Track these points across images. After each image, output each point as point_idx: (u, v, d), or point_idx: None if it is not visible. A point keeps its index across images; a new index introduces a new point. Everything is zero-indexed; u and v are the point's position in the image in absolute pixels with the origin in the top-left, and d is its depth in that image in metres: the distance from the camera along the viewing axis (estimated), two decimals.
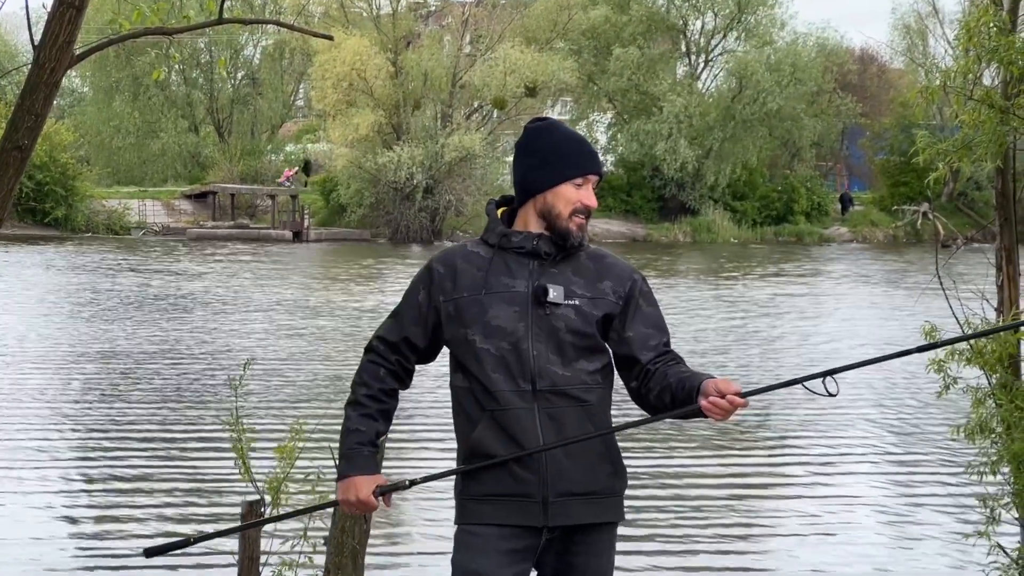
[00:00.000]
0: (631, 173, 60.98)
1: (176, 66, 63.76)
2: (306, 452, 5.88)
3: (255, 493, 5.63)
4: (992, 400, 6.21)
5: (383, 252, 46.70)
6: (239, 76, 68.32)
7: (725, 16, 62.20)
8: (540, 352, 3.84)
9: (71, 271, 34.85)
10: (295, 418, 7.17)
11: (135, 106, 64.14)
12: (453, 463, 4.00)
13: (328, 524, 5.65)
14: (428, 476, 4.02)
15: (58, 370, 17.17)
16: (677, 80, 62.38)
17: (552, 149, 3.96)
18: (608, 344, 3.96)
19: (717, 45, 63.52)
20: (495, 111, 59.16)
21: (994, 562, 6.14)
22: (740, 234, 59.06)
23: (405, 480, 3.95)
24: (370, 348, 4.05)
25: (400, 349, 4.00)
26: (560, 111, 63.19)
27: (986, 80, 6.72)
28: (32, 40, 5.31)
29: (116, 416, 13.97)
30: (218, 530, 5.17)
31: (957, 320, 6.12)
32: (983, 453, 6.16)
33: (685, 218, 59.63)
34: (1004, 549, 6.13)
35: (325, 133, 59.67)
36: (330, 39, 6.89)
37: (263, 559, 5.68)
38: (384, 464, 4.57)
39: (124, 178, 63.39)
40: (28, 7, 5.82)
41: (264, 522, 5.01)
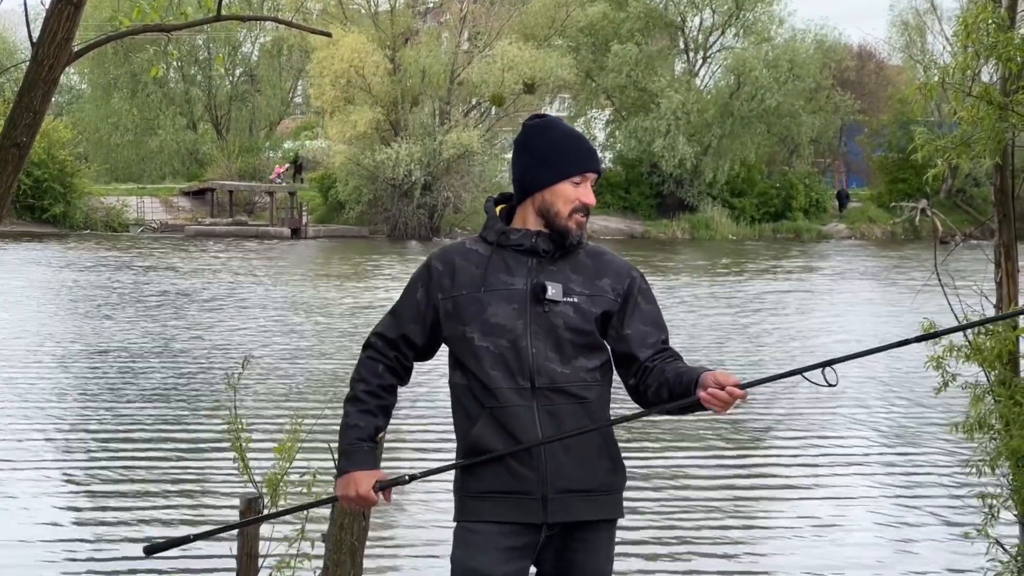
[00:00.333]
0: (629, 170, 60.97)
1: (174, 63, 63.77)
2: (304, 450, 5.87)
3: (253, 491, 5.62)
4: (991, 397, 6.21)
5: (381, 249, 46.69)
6: (237, 73, 68.32)
7: (723, 13, 62.19)
8: (539, 350, 3.84)
9: (69, 268, 34.84)
10: (293, 415, 7.16)
11: (133, 103, 64.13)
12: (447, 458, 4.00)
13: (327, 521, 5.64)
14: (428, 471, 4.00)
15: (55, 367, 17.17)
16: (675, 77, 62.37)
17: (550, 147, 3.95)
18: (607, 342, 3.95)
19: (715, 42, 63.51)
20: (493, 108, 59.17)
21: (993, 559, 6.14)
22: (738, 231, 59.06)
23: (405, 475, 3.94)
24: (368, 345, 4.04)
25: (398, 346, 4.00)
26: (558, 108, 63.18)
27: (984, 76, 6.72)
28: (30, 37, 5.30)
29: (113, 413, 13.97)
30: (217, 527, 5.16)
31: (956, 317, 6.12)
32: (982, 450, 6.16)
33: (683, 215, 59.64)
34: (1003, 546, 6.13)
35: (323, 130, 59.64)
36: (328, 36, 6.89)
37: (261, 556, 5.67)
38: (382, 461, 4.56)
39: (122, 175, 63.37)
40: (27, 4, 5.82)
41: (264, 519, 5.00)
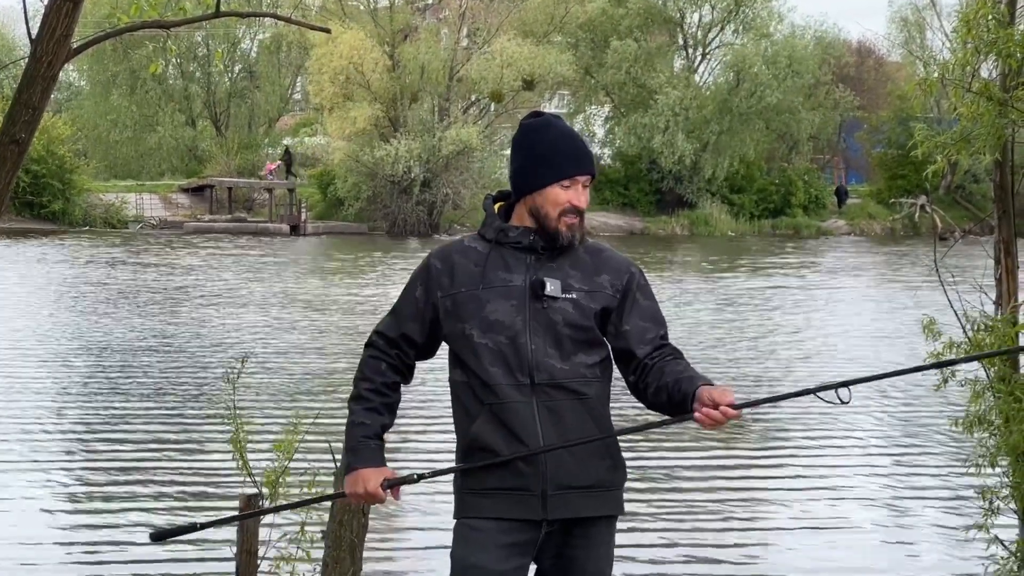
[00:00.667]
0: (628, 166, 60.91)
1: (173, 60, 63.68)
2: (303, 447, 5.87)
3: (252, 487, 5.62)
4: (990, 393, 6.21)
5: (380, 246, 46.67)
6: (236, 70, 68.27)
7: (722, 9, 62.11)
8: (538, 346, 3.84)
9: (68, 265, 34.82)
10: (292, 412, 7.16)
11: (132, 100, 64.07)
12: (453, 457, 3.99)
13: (326, 518, 5.64)
14: (436, 471, 3.99)
15: (54, 364, 17.16)
16: (674, 73, 62.32)
17: (542, 149, 3.93)
18: (606, 338, 3.95)
19: (715, 38, 63.45)
20: (492, 104, 59.14)
21: (993, 555, 6.14)
22: (737, 227, 59.03)
23: (414, 474, 3.93)
24: (370, 343, 4.05)
25: (399, 345, 4.00)
26: (557, 104, 63.14)
27: (984, 72, 6.71)
28: (29, 33, 5.30)
29: (112, 410, 13.96)
30: (223, 517, 5.18)
31: (955, 313, 6.12)
32: (981, 446, 6.16)
33: (683, 211, 59.58)
34: (1003, 542, 6.12)
35: (323, 127, 59.61)
36: (327, 32, 6.88)
37: (261, 553, 5.67)
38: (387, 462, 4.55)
39: (121, 172, 63.29)
40: (25, 1, 5.81)
41: (272, 510, 5.01)
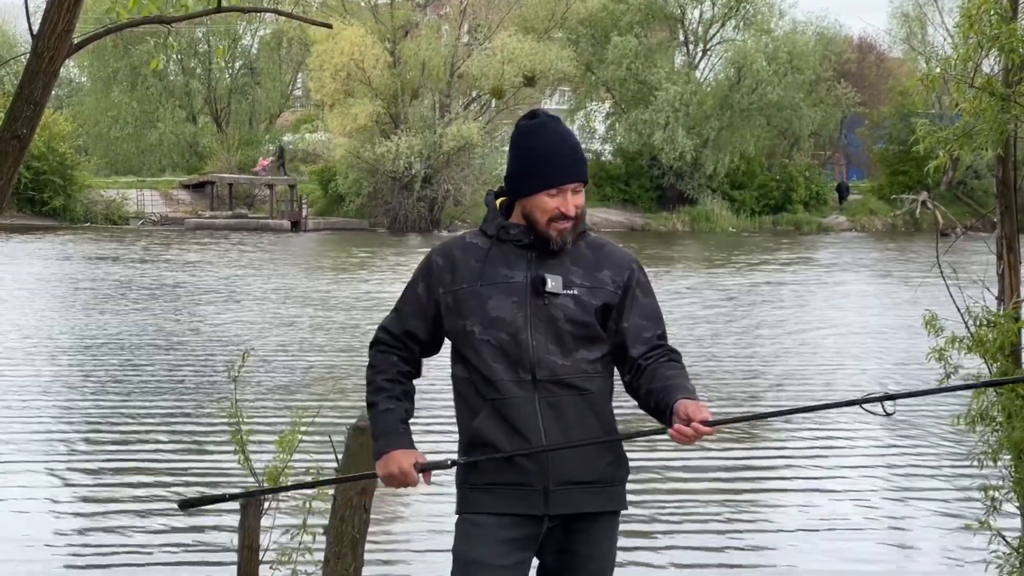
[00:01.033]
0: (629, 163, 60.91)
1: (174, 56, 63.64)
2: (304, 443, 5.86)
3: (254, 483, 5.61)
4: (993, 389, 6.19)
5: (381, 242, 46.68)
6: (237, 66, 68.22)
7: (723, 5, 62.04)
8: (539, 342, 3.84)
9: (69, 261, 34.83)
10: (293, 408, 7.16)
11: (133, 96, 64.05)
12: (456, 454, 3.99)
13: (327, 514, 5.64)
14: (470, 459, 3.86)
15: (55, 360, 17.16)
16: (675, 69, 62.27)
17: (532, 155, 3.91)
18: (606, 334, 3.95)
19: (715, 34, 63.41)
20: (493, 101, 59.11)
21: (995, 551, 6.12)
22: (738, 223, 59.05)
23: (447, 460, 3.90)
24: (376, 341, 4.06)
25: (403, 341, 4.01)
26: (558, 100, 63.14)
27: (986, 68, 6.70)
28: (31, 29, 5.29)
29: (112, 406, 13.96)
30: (251, 490, 5.23)
31: (958, 308, 6.10)
32: (983, 442, 6.14)
33: (683, 207, 59.58)
34: (1004, 538, 6.11)
35: (323, 123, 59.60)
36: (329, 27, 6.87)
37: (262, 549, 5.66)
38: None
39: (122, 168, 63.26)
40: None
41: (301, 486, 4.95)
